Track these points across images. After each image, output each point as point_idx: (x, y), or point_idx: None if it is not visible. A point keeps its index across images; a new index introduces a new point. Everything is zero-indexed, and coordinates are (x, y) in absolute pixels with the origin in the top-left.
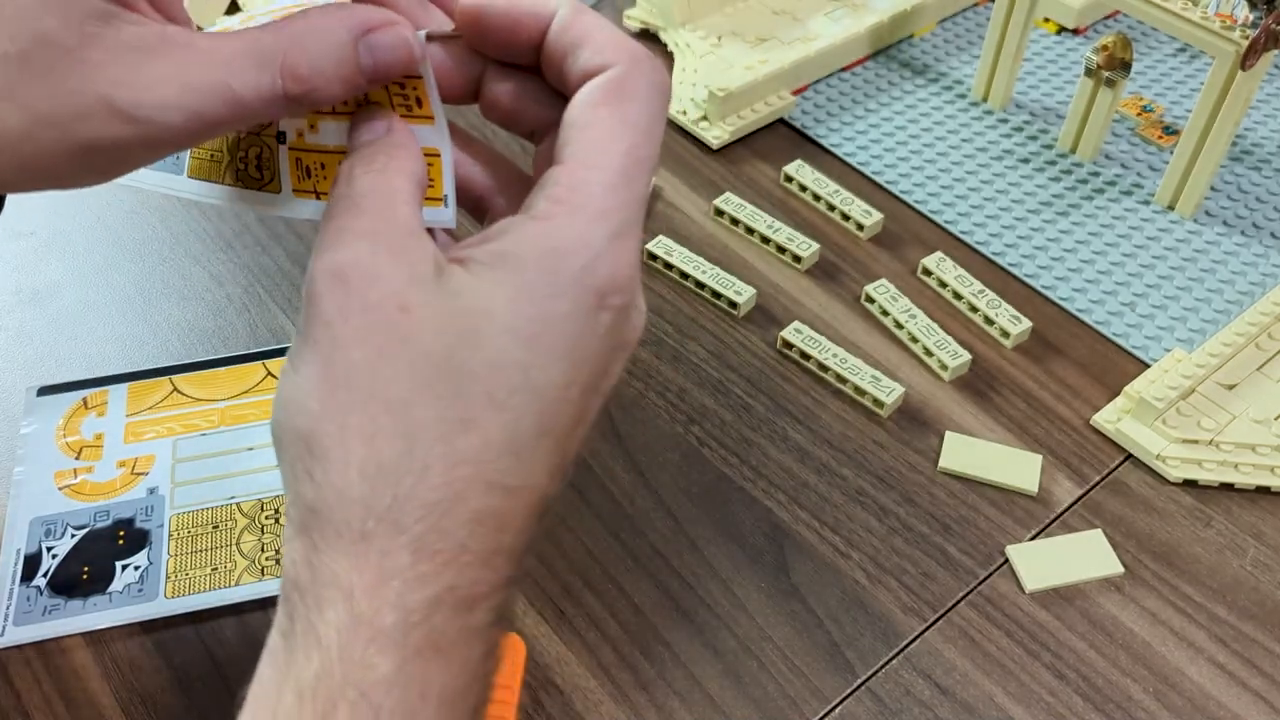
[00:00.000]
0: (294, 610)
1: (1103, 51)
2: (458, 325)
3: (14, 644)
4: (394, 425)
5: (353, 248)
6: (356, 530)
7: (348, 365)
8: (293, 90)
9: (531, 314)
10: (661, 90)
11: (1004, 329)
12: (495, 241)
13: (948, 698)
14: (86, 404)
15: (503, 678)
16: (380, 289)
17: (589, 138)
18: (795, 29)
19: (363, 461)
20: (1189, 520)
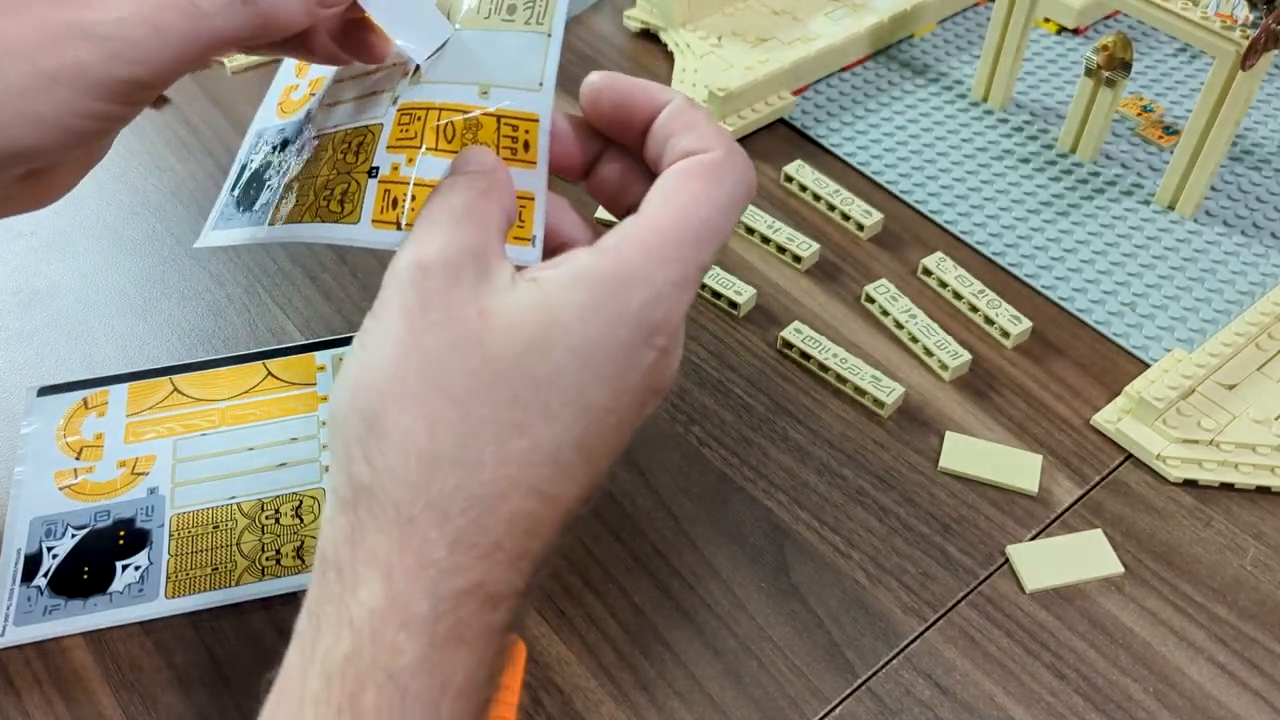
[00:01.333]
0: (327, 590)
1: (1103, 51)
2: (527, 335)
3: (14, 644)
4: (456, 419)
5: (444, 249)
6: (405, 513)
7: (421, 355)
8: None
9: (593, 336)
10: (749, 185)
11: (1004, 329)
12: (567, 266)
13: (948, 698)
14: (87, 404)
15: (503, 677)
16: (462, 291)
17: (674, 200)
18: (795, 29)
19: (421, 448)
20: (1189, 520)
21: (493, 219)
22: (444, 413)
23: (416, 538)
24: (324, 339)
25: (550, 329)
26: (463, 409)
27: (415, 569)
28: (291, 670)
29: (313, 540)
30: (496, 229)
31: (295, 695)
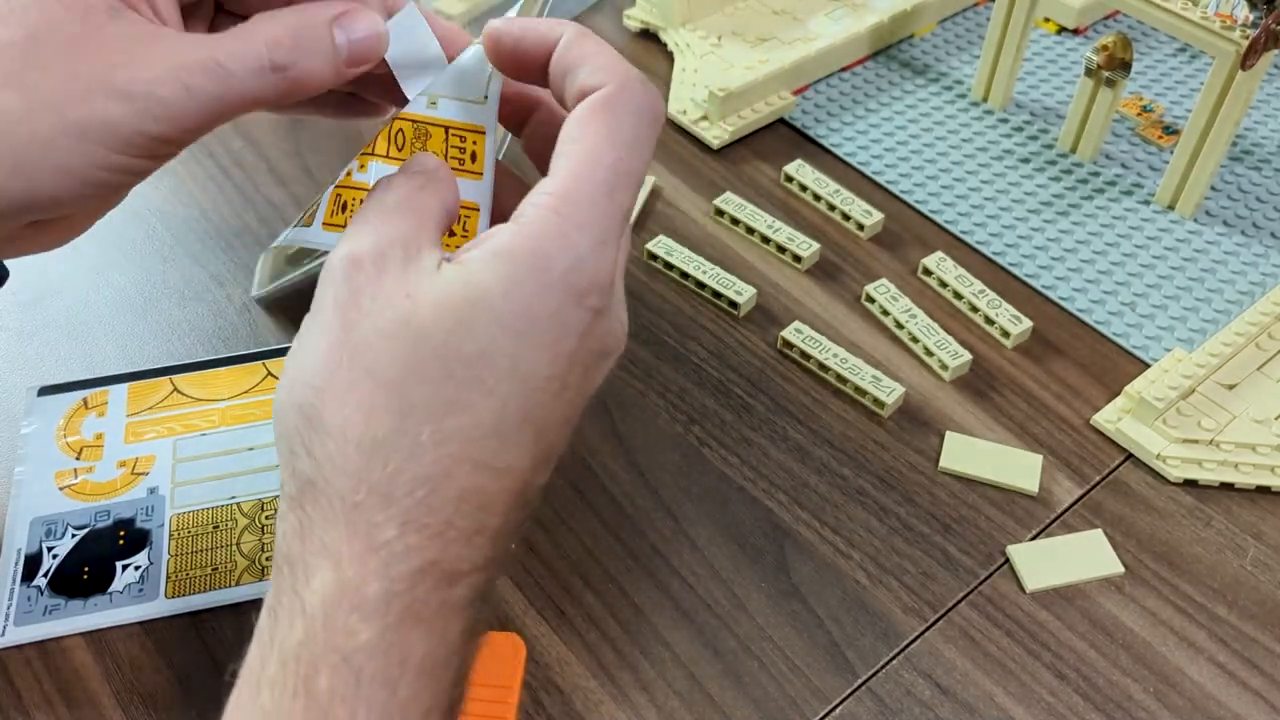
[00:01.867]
0: (281, 584)
1: (1103, 51)
2: (455, 313)
3: (14, 644)
4: (390, 402)
5: (374, 242)
6: (349, 501)
7: (353, 344)
8: (277, 59)
9: (520, 309)
10: (649, 110)
11: (1004, 329)
12: (489, 243)
13: (948, 698)
14: (87, 404)
15: (503, 677)
16: (390, 278)
17: (577, 151)
18: (795, 29)
19: (360, 435)
20: (1189, 520)
21: (428, 211)
22: (378, 397)
23: (363, 523)
24: None
25: (476, 305)
26: (396, 392)
27: (364, 553)
28: (251, 661)
29: None
30: (432, 220)
31: (253, 681)
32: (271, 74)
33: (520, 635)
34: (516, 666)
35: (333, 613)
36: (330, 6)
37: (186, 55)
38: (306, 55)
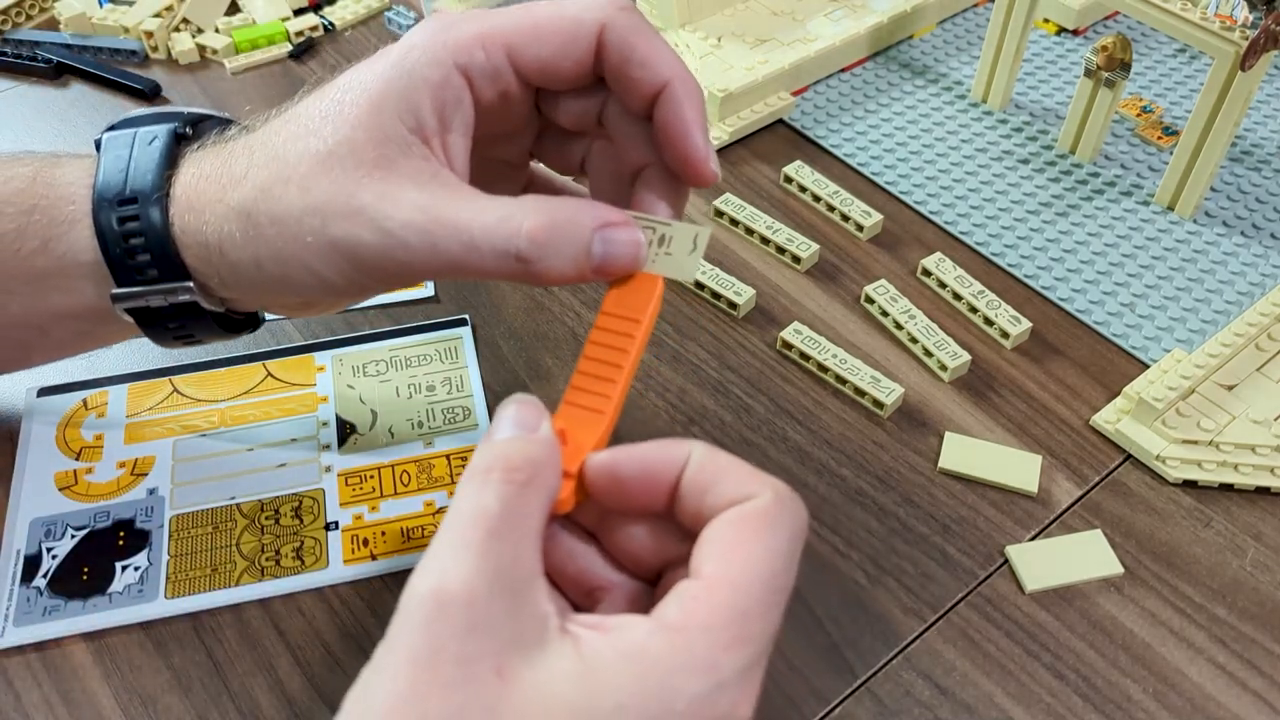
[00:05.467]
0: None
1: (1102, 52)
2: (550, 714)
3: (14, 645)
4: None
5: (468, 579)
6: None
7: (422, 715)
8: (524, 250)
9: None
10: (803, 527)
11: (1004, 329)
12: (618, 635)
13: (947, 698)
14: (86, 405)
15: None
16: (481, 641)
17: (732, 557)
18: (795, 30)
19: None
20: (1189, 521)
21: (531, 523)
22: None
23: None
24: (323, 340)
25: (577, 716)
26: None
27: None
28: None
29: (313, 540)
30: (534, 538)
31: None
32: (515, 262)
33: None
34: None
35: None
36: (600, 212)
37: (445, 211)
38: (556, 256)
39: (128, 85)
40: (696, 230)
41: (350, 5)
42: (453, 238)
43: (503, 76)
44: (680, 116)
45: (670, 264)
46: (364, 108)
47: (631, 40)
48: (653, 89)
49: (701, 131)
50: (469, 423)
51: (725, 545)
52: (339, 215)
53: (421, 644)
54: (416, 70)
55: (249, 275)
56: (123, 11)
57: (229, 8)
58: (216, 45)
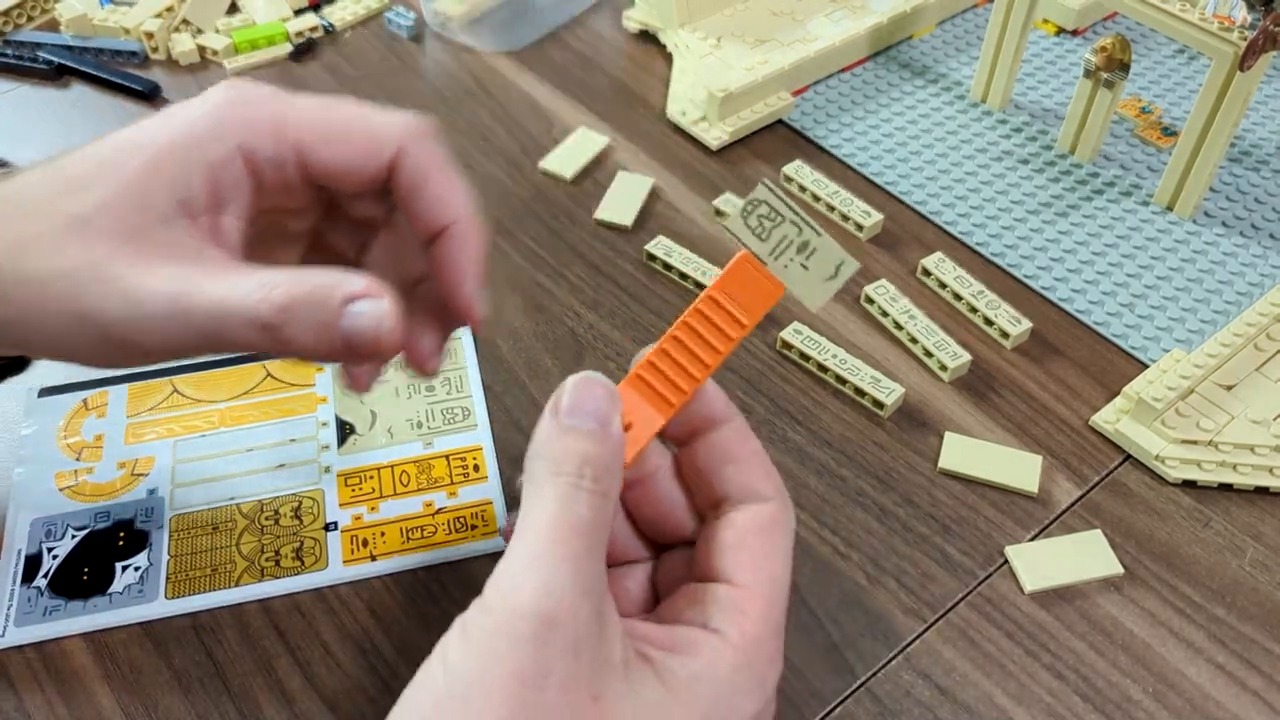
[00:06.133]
0: None
1: (1101, 53)
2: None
3: (14, 644)
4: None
5: (573, 603)
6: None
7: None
8: (267, 318)
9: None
10: (794, 529)
11: (1004, 329)
12: (688, 657)
13: (947, 698)
14: (87, 405)
15: (750, 306)
16: (581, 666)
17: (760, 568)
18: (795, 30)
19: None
20: (1188, 521)
21: (607, 536)
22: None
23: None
24: None
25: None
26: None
27: None
28: None
29: (312, 541)
30: (600, 553)
31: None
32: (260, 331)
33: None
34: (766, 305)
35: None
36: (353, 283)
37: (199, 286)
38: (299, 325)
39: (128, 86)
40: (845, 258)
41: (350, 6)
42: (203, 311)
43: (288, 168)
44: (456, 261)
45: (800, 278)
46: (133, 172)
47: (425, 172)
48: (437, 226)
49: (474, 279)
50: (469, 423)
51: (753, 555)
52: (88, 283)
53: (529, 664)
54: (198, 144)
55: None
56: (123, 12)
57: (229, 8)
58: (216, 46)
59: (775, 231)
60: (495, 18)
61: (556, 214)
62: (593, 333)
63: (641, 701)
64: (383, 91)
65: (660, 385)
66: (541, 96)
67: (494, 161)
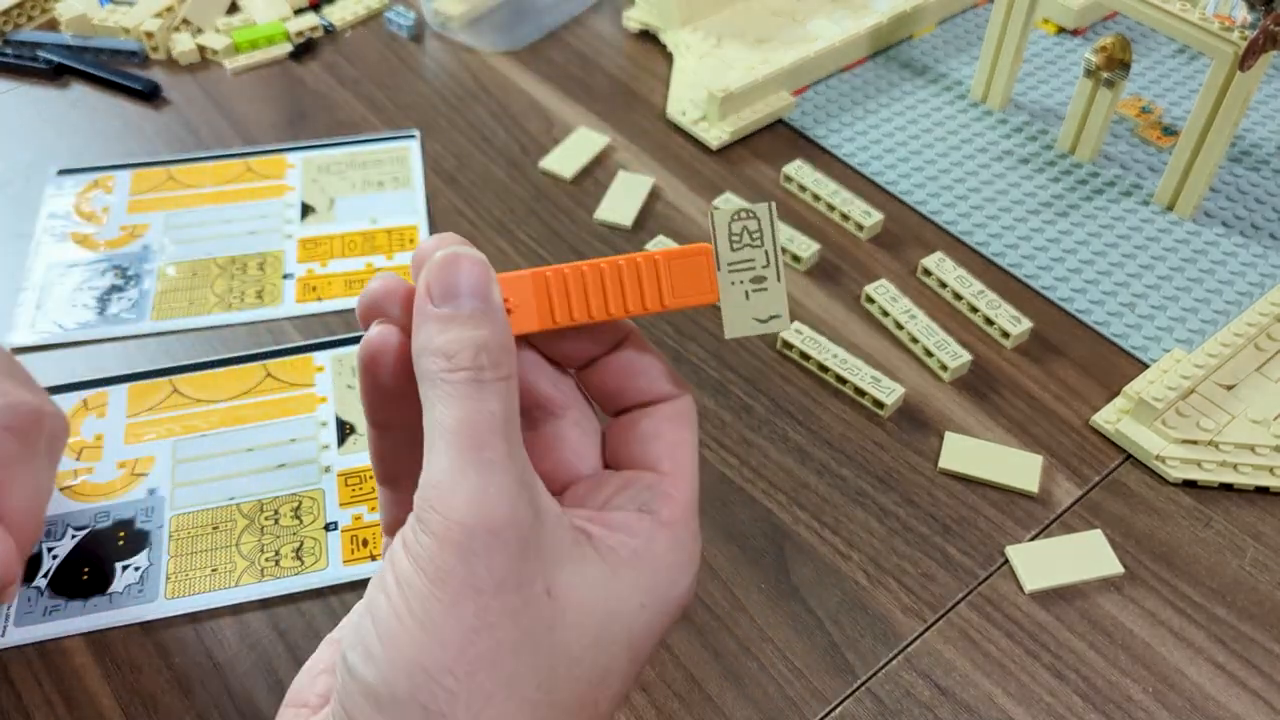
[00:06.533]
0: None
1: (1101, 52)
2: (595, 626)
3: (15, 644)
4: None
5: (512, 506)
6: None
7: (493, 646)
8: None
9: (650, 623)
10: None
11: (1004, 329)
12: (630, 537)
13: (948, 698)
14: (87, 405)
15: (673, 287)
16: (530, 564)
17: (684, 458)
18: (795, 30)
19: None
20: (1188, 520)
21: (518, 425)
22: (515, 716)
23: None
24: (323, 340)
25: (614, 620)
26: (530, 714)
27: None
28: None
29: (312, 540)
30: (519, 437)
31: None
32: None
33: None
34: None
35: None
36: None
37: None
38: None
39: (128, 86)
40: (783, 312)
41: (350, 5)
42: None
43: None
44: None
45: (737, 302)
46: None
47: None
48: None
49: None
50: None
51: (670, 443)
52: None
53: (483, 574)
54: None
55: None
56: (123, 12)
57: (229, 8)
58: (217, 45)
59: (747, 249)
60: (495, 18)
61: (556, 214)
62: None
63: (590, 584)
64: (383, 91)
65: (556, 297)
66: (541, 96)
67: (494, 161)
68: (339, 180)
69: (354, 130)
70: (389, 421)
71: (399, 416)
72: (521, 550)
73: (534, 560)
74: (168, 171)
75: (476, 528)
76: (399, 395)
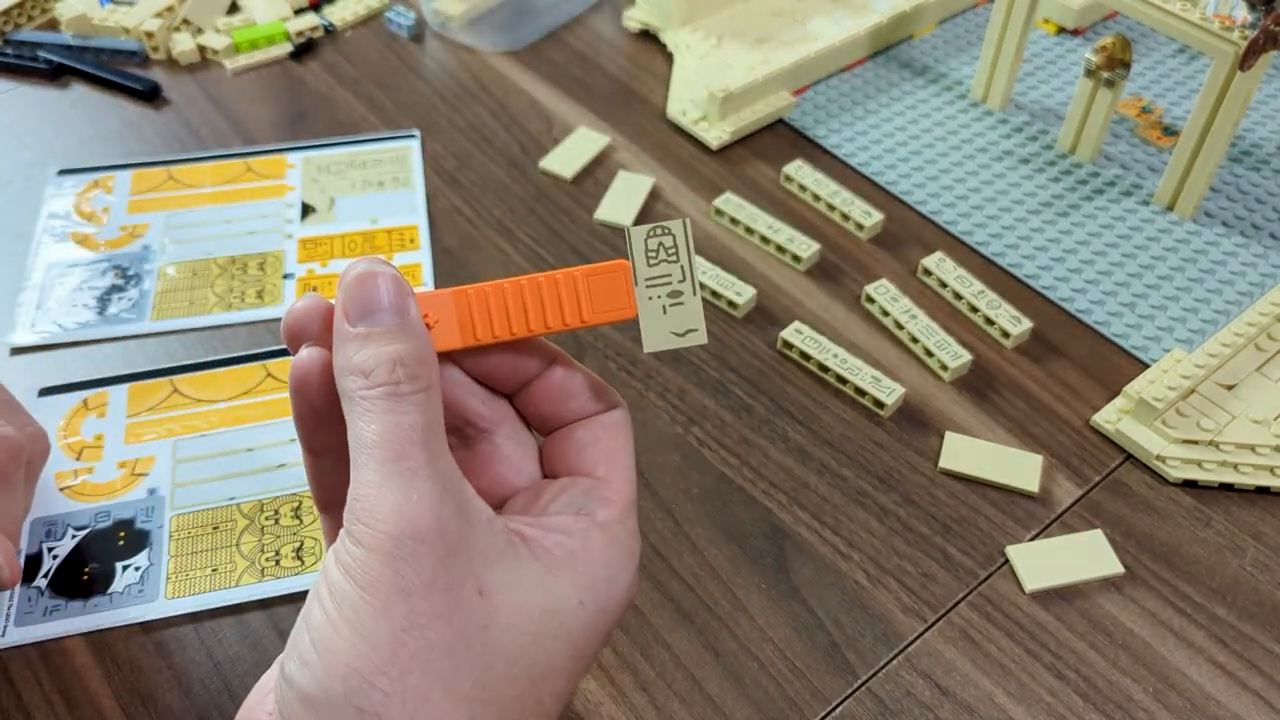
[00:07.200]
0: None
1: (1102, 52)
2: (532, 625)
3: (15, 644)
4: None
5: (434, 509)
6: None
7: (425, 648)
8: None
9: (590, 621)
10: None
11: (1004, 329)
12: (567, 537)
13: (948, 698)
14: (87, 405)
15: (593, 305)
16: (461, 565)
17: (621, 464)
18: (795, 30)
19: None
20: (1189, 520)
21: (443, 428)
22: (454, 716)
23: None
24: None
25: (551, 618)
26: (467, 711)
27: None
28: None
29: (313, 540)
30: (446, 440)
31: None
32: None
33: None
34: (613, 317)
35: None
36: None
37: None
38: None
39: (128, 86)
40: (699, 327)
41: (350, 5)
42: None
43: None
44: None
45: (654, 317)
46: None
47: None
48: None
49: None
50: None
51: (607, 450)
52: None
53: (412, 578)
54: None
55: None
56: (123, 12)
57: (229, 8)
58: (217, 45)
59: (664, 265)
60: (495, 18)
61: (556, 214)
62: (592, 333)
63: (525, 583)
64: (383, 91)
65: (477, 314)
66: (541, 96)
67: (494, 161)
68: (339, 180)
69: (354, 130)
70: (322, 446)
71: (331, 439)
72: (449, 554)
73: (463, 563)
74: (168, 171)
75: (402, 535)
76: (330, 417)
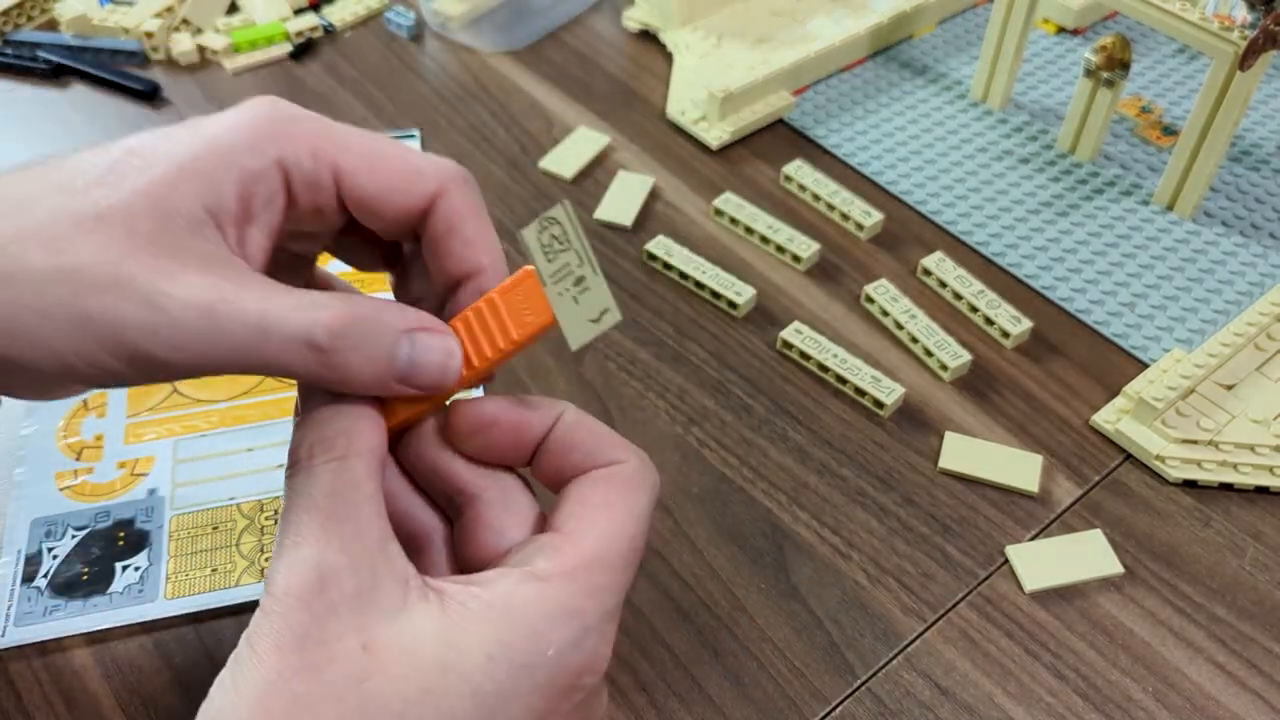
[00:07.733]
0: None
1: (1101, 52)
2: (422, 678)
3: (15, 644)
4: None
5: (317, 567)
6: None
7: (291, 699)
8: (320, 339)
9: (504, 680)
10: (655, 488)
11: (1004, 329)
12: (486, 588)
13: (948, 698)
14: (87, 405)
15: (513, 322)
16: (343, 620)
17: (601, 517)
18: (795, 30)
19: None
20: (1188, 520)
21: (363, 492)
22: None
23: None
24: None
25: (449, 673)
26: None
27: None
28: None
29: None
30: (372, 504)
31: None
32: (309, 351)
33: None
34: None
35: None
36: (410, 315)
37: (234, 294)
38: (355, 351)
39: (128, 86)
40: (610, 305)
41: (350, 5)
42: (239, 320)
43: (323, 191)
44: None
45: (569, 311)
46: (156, 177)
47: (462, 217)
48: (461, 272)
49: None
50: None
51: (591, 506)
52: (97, 286)
53: (285, 632)
54: (234, 152)
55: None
56: (123, 12)
57: (229, 8)
58: (216, 45)
59: (561, 256)
60: (495, 18)
61: None
62: None
63: (419, 633)
64: (383, 91)
65: None
66: (541, 96)
67: (494, 161)
68: None
69: None
70: None
71: None
72: (326, 610)
73: (349, 618)
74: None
75: (284, 596)
76: None
